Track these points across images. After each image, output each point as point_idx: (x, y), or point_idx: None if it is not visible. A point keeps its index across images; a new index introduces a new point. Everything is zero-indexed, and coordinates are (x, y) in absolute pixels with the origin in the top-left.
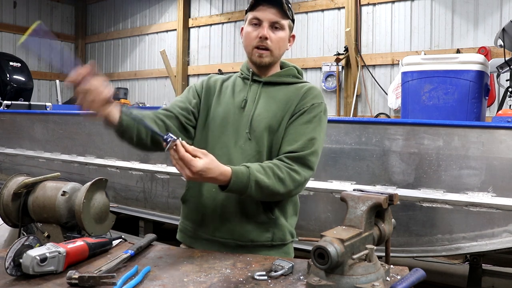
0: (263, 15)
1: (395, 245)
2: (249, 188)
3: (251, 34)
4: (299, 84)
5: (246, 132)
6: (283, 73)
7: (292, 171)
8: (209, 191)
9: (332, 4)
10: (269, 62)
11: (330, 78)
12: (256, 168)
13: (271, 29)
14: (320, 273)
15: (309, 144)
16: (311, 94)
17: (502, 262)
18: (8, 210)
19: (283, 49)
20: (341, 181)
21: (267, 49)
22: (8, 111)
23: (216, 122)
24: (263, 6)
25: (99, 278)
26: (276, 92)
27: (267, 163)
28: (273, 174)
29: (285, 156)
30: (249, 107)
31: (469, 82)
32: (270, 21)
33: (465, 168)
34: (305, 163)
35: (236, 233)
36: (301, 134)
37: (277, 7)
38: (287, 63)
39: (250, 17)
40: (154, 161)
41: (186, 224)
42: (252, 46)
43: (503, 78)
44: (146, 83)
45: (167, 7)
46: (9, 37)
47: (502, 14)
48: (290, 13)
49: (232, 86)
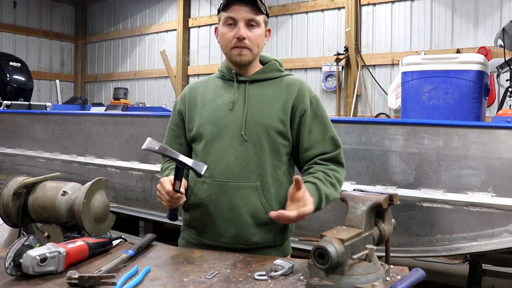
0: (237, 14)
1: (395, 245)
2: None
3: (228, 35)
4: (284, 78)
5: (241, 134)
6: (267, 68)
7: (335, 171)
8: (210, 198)
9: (332, 4)
10: (249, 61)
11: (330, 78)
12: (317, 182)
13: (247, 27)
14: (320, 273)
15: (333, 143)
16: (303, 90)
17: (502, 262)
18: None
19: (262, 45)
20: None
21: (246, 47)
22: (8, 111)
23: (206, 129)
24: (237, 5)
25: (99, 278)
26: (263, 89)
27: (316, 173)
28: (328, 183)
29: (319, 159)
30: (240, 108)
31: (469, 82)
32: (245, 20)
33: (465, 168)
34: (339, 162)
35: (240, 238)
36: (322, 134)
37: (250, 4)
38: (266, 57)
39: (224, 17)
40: (154, 161)
41: (189, 232)
42: (230, 47)
43: (503, 78)
44: (146, 83)
45: (167, 7)
46: (9, 37)
47: (502, 14)
48: (263, 8)
49: (214, 89)
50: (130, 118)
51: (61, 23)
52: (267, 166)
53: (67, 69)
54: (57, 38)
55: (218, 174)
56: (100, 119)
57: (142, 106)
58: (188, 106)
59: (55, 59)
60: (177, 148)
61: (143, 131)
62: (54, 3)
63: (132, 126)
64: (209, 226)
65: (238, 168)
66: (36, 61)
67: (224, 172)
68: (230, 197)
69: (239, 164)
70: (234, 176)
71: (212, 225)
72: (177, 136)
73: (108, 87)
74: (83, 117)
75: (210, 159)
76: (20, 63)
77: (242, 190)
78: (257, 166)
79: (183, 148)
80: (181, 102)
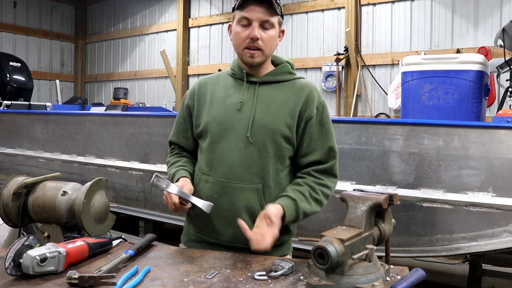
0: (252, 14)
1: (395, 245)
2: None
3: (241, 34)
4: (296, 81)
5: (247, 136)
6: (278, 71)
7: (324, 187)
8: (211, 197)
9: (332, 4)
10: (261, 62)
11: (330, 78)
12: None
13: (261, 28)
14: (320, 273)
15: (331, 153)
16: (312, 95)
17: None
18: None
19: (274, 46)
20: (341, 181)
21: (259, 49)
22: (8, 111)
23: (213, 127)
24: (252, 5)
25: (99, 278)
26: (273, 92)
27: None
28: (312, 199)
29: (313, 169)
30: (248, 110)
31: (469, 82)
32: (260, 21)
33: (465, 168)
34: (332, 173)
35: (239, 238)
36: (322, 143)
37: (266, 5)
38: (279, 58)
39: (238, 17)
40: (154, 161)
41: (190, 228)
42: (243, 47)
43: (503, 78)
44: (146, 83)
45: (167, 7)
46: (9, 37)
47: (502, 14)
48: (279, 9)
49: (224, 87)
50: (130, 118)
51: (61, 23)
52: (270, 169)
53: (67, 69)
54: (57, 38)
55: (221, 174)
56: (100, 119)
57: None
58: (197, 102)
59: (55, 59)
60: (184, 141)
61: (143, 131)
62: (54, 3)
63: (132, 126)
64: (209, 224)
65: (241, 170)
66: (36, 61)
67: (227, 172)
68: (231, 197)
69: (242, 166)
70: (237, 177)
71: (212, 223)
72: (184, 130)
73: (108, 87)
74: (83, 117)
75: (214, 158)
76: (20, 63)
77: (243, 191)
78: (260, 169)
79: (190, 142)
80: (189, 97)
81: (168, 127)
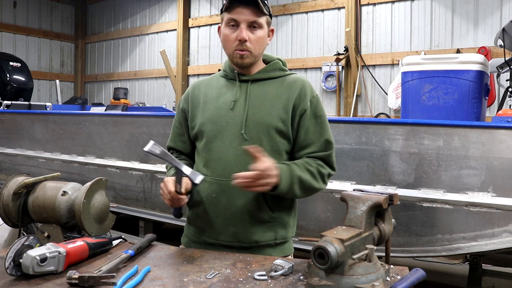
0: (239, 16)
1: (395, 245)
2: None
3: (230, 36)
4: (287, 76)
5: (241, 133)
6: (269, 68)
7: (320, 166)
8: (210, 197)
9: (332, 4)
10: (251, 63)
11: (330, 78)
12: (293, 166)
13: (249, 29)
14: (320, 273)
15: (328, 145)
16: (305, 89)
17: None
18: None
19: (264, 46)
20: (341, 181)
21: (248, 50)
22: (8, 111)
23: (207, 127)
24: (239, 7)
25: (99, 278)
26: (265, 88)
27: (298, 161)
28: (307, 171)
29: (308, 156)
30: (241, 107)
31: (469, 82)
32: (247, 22)
33: (465, 168)
34: (329, 163)
35: (240, 236)
36: (318, 135)
37: (253, 6)
38: (270, 56)
39: (226, 19)
40: (154, 161)
41: (190, 230)
42: (232, 49)
43: (503, 78)
44: (146, 83)
45: (167, 7)
46: (9, 37)
47: (502, 14)
48: (266, 9)
49: (217, 88)
50: (130, 118)
51: (61, 23)
52: None
53: (67, 69)
54: (57, 38)
55: (218, 173)
56: (100, 119)
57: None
58: (191, 104)
59: (55, 59)
60: (181, 145)
61: (143, 131)
62: (54, 3)
63: (132, 126)
64: (209, 224)
65: (238, 167)
66: (36, 61)
67: (224, 171)
68: (230, 196)
69: (238, 164)
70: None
71: (212, 223)
72: (180, 134)
73: (108, 87)
74: (83, 117)
75: (211, 158)
76: (20, 63)
77: (241, 189)
78: None
79: (187, 146)
80: (184, 101)
81: (168, 127)
